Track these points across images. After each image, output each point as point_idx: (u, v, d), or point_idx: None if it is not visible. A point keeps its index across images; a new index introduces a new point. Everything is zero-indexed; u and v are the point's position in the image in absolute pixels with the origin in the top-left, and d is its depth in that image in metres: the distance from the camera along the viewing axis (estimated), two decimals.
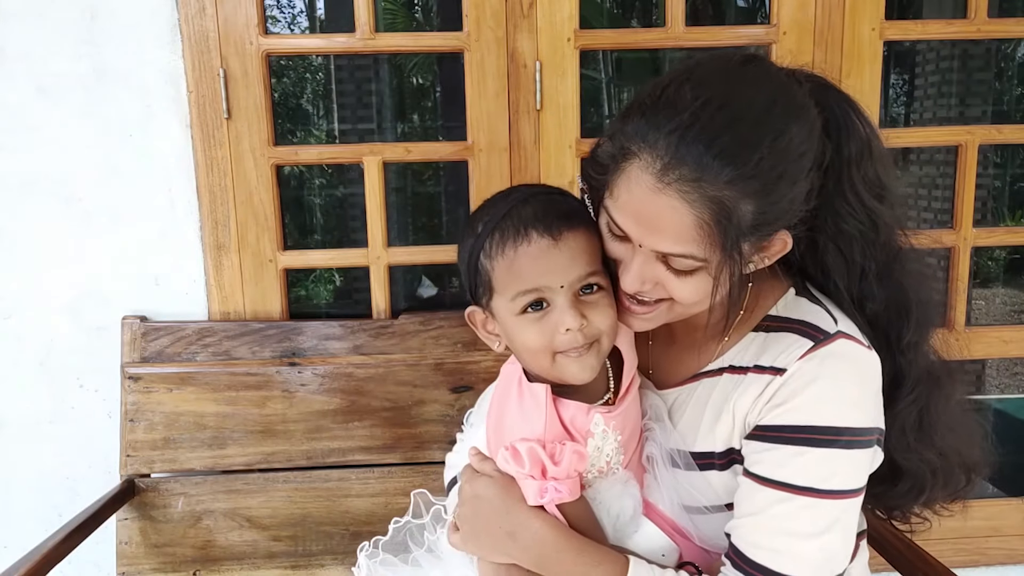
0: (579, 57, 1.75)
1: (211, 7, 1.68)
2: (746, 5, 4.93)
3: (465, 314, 1.00)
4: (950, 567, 1.23)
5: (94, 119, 1.70)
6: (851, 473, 0.88)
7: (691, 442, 0.97)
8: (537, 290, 0.89)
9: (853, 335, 0.91)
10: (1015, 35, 1.96)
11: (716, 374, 0.97)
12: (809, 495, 0.86)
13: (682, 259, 0.84)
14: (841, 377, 0.88)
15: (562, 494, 0.90)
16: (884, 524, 1.40)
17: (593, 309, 0.90)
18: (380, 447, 1.73)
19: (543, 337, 0.90)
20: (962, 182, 1.87)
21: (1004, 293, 6.61)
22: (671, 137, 0.79)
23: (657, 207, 0.81)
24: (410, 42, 1.85)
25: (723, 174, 0.78)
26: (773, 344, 0.92)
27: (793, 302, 0.95)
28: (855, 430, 0.87)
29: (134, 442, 1.70)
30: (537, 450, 0.90)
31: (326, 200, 3.94)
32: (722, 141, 0.78)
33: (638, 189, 0.82)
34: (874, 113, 1.80)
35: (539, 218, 0.89)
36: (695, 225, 0.80)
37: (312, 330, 1.74)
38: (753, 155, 0.78)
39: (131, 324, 1.72)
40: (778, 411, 0.89)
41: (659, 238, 0.83)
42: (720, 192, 0.78)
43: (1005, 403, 4.49)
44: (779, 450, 0.88)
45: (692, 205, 0.79)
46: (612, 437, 0.93)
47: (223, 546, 1.72)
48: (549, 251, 0.88)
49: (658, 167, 0.80)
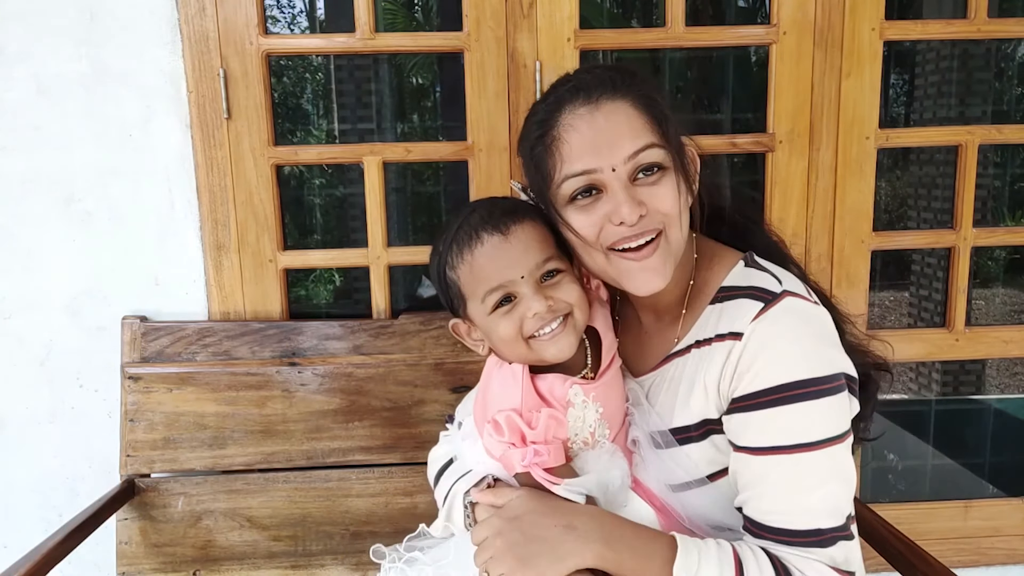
0: (579, 57, 1.75)
1: (211, 7, 1.68)
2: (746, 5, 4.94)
3: (449, 327, 1.08)
4: (950, 567, 1.23)
5: (94, 119, 1.71)
6: (829, 420, 0.92)
7: (669, 420, 1.02)
8: (501, 286, 0.97)
9: (798, 292, 0.96)
10: (1015, 35, 1.95)
11: (685, 352, 1.02)
12: (797, 451, 0.90)
13: (648, 152, 0.94)
14: (793, 332, 0.93)
15: (543, 456, 0.95)
16: (884, 524, 1.40)
17: (556, 289, 0.98)
18: (380, 447, 1.73)
19: (515, 325, 0.97)
20: (962, 182, 1.87)
21: (1004, 293, 6.61)
22: (575, 80, 0.98)
23: (602, 120, 0.94)
24: (410, 42, 1.85)
25: (623, 76, 0.96)
26: (728, 312, 0.97)
27: (742, 272, 1.01)
28: (818, 379, 0.91)
29: (134, 442, 1.70)
30: (514, 418, 0.96)
31: (326, 200, 3.94)
32: (608, 66, 1.00)
33: (580, 123, 0.95)
34: (874, 113, 1.80)
35: (486, 220, 0.98)
36: (637, 114, 0.94)
37: (312, 330, 1.74)
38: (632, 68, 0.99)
39: (131, 324, 1.72)
40: (745, 380, 0.93)
41: (621, 143, 0.93)
42: (631, 86, 0.95)
43: (1005, 403, 4.50)
44: (756, 417, 0.92)
45: (625, 100, 0.94)
46: (593, 408, 0.99)
47: (223, 546, 1.72)
48: (502, 246, 0.97)
49: (581, 98, 0.95)
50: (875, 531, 1.40)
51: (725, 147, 1.89)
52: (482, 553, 0.94)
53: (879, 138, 1.82)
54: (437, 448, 1.22)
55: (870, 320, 1.91)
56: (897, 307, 6.26)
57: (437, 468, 1.18)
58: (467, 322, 1.04)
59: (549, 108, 0.98)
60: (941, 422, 4.06)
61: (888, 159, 5.52)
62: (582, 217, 0.97)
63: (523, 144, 1.03)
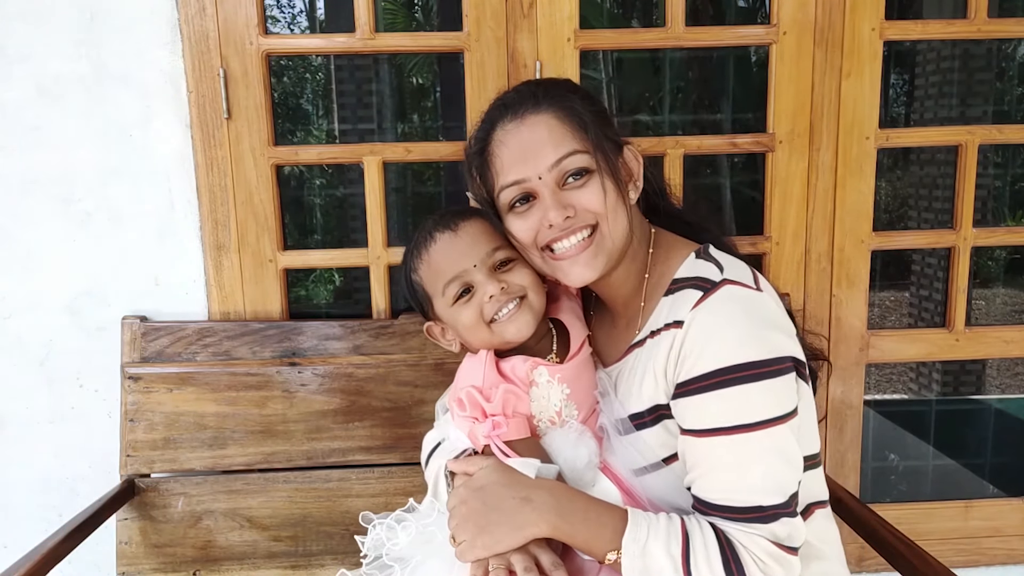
0: (579, 57, 1.75)
1: (211, 7, 1.68)
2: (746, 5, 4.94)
3: (424, 330, 1.17)
4: (950, 567, 1.23)
5: (94, 119, 1.71)
6: (770, 402, 0.95)
7: (628, 408, 1.07)
8: (457, 276, 1.06)
9: (738, 280, 1.01)
10: (1015, 35, 1.95)
11: (642, 343, 1.08)
12: (737, 432, 0.94)
13: (571, 159, 1.02)
14: (730, 318, 0.97)
15: (503, 428, 1.02)
16: (884, 524, 1.40)
17: (509, 274, 1.07)
18: (380, 447, 1.73)
19: (475, 311, 1.06)
20: (962, 182, 1.87)
21: (1004, 293, 6.61)
22: (504, 101, 1.08)
23: (527, 133, 1.03)
24: (410, 42, 1.85)
25: (547, 91, 1.06)
26: (676, 302, 1.03)
27: (692, 264, 1.06)
28: (756, 363, 0.94)
29: (134, 442, 1.70)
30: (474, 393, 1.04)
31: (326, 200, 3.94)
32: (535, 82, 1.11)
33: (508, 138, 1.05)
34: (874, 113, 1.80)
35: (438, 222, 1.10)
36: (558, 124, 1.03)
37: (312, 330, 1.74)
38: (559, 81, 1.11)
39: (131, 324, 1.72)
40: (687, 365, 0.98)
41: (545, 152, 1.02)
42: (554, 98, 1.05)
43: (1005, 403, 4.50)
44: (697, 400, 0.97)
45: (547, 112, 1.04)
46: (559, 388, 1.07)
47: (223, 546, 1.72)
48: (452, 241, 1.07)
49: (509, 115, 1.05)
50: (875, 531, 1.40)
51: (725, 147, 1.89)
52: (451, 519, 1.01)
53: (879, 138, 1.82)
54: (431, 433, 1.27)
55: (870, 320, 1.91)
56: (897, 307, 6.26)
57: (428, 449, 1.23)
58: (438, 323, 1.13)
59: (484, 127, 1.09)
60: (941, 422, 4.06)
61: (888, 159, 5.52)
62: (520, 222, 1.06)
63: (466, 161, 1.15)
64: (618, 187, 1.04)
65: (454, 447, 1.13)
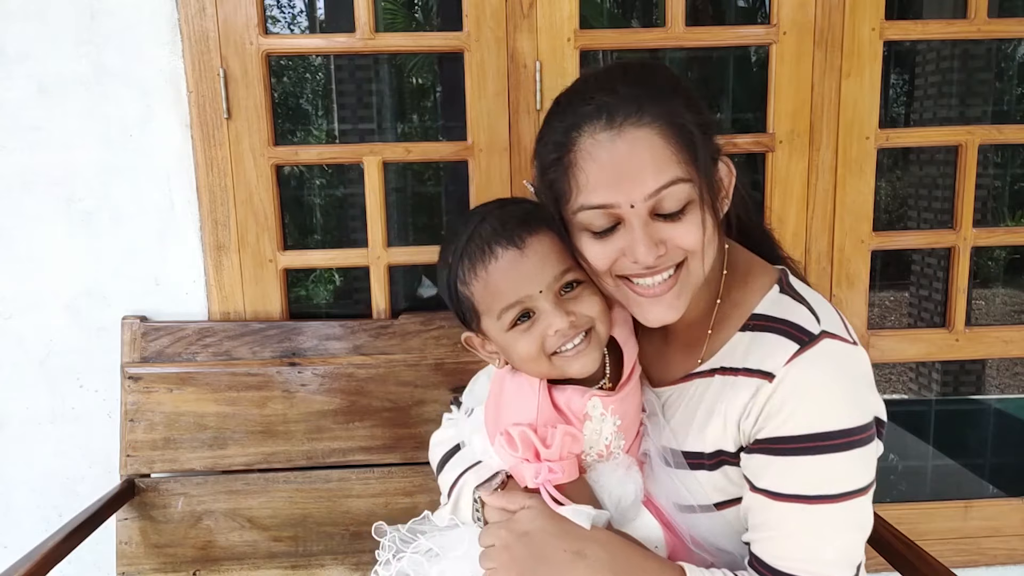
0: (579, 57, 1.75)
1: (211, 7, 1.68)
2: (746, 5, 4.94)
3: (462, 340, 1.04)
4: (950, 567, 1.23)
5: (94, 119, 1.70)
6: (856, 472, 0.89)
7: (682, 441, 0.98)
8: (519, 302, 0.92)
9: (837, 333, 0.91)
10: (1015, 35, 1.95)
11: (708, 375, 0.98)
12: (819, 502, 0.87)
13: (673, 188, 0.86)
14: (830, 380, 0.89)
15: (557, 474, 0.92)
16: (884, 524, 1.40)
17: (577, 302, 0.94)
18: (380, 447, 1.73)
19: (536, 343, 0.92)
20: (962, 182, 1.87)
21: (1004, 293, 6.62)
22: (597, 100, 0.87)
23: (625, 150, 0.85)
24: (410, 42, 1.85)
25: (649, 92, 0.87)
26: (759, 345, 0.93)
27: (777, 300, 0.96)
28: (851, 430, 0.87)
29: (134, 442, 1.70)
30: (528, 434, 0.92)
31: (326, 200, 3.94)
32: (630, 75, 0.90)
33: (599, 151, 0.86)
34: (874, 113, 1.80)
35: (499, 232, 0.92)
36: (663, 143, 0.85)
37: (312, 330, 1.74)
38: (660, 77, 0.90)
39: (131, 324, 1.72)
40: (773, 423, 0.89)
41: (643, 178, 0.85)
42: (660, 107, 0.86)
43: (1005, 403, 4.50)
44: (780, 463, 0.89)
45: (651, 127, 0.85)
46: (611, 421, 0.95)
47: (223, 546, 1.72)
48: (517, 261, 0.91)
49: (603, 122, 0.86)
50: (875, 531, 1.39)
51: (725, 147, 1.87)
52: (486, 560, 0.93)
53: (879, 138, 1.81)
54: (441, 431, 1.20)
55: (870, 320, 1.91)
56: (897, 307, 6.26)
57: (441, 452, 1.15)
58: (481, 335, 1.00)
59: (567, 127, 0.89)
60: (941, 422, 4.06)
61: (888, 159, 5.52)
62: (597, 247, 0.90)
63: (538, 157, 0.95)
64: (716, 217, 0.91)
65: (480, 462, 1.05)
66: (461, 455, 1.10)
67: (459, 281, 0.95)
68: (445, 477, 1.10)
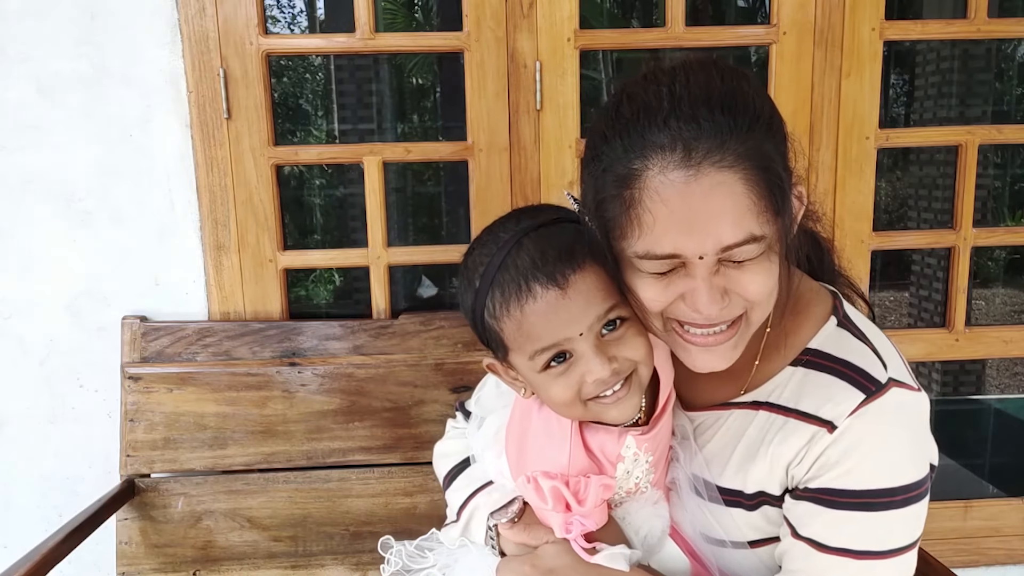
0: (579, 57, 1.75)
1: (211, 7, 1.68)
2: (746, 5, 4.94)
3: (484, 365, 0.93)
4: (950, 567, 1.23)
5: (94, 119, 1.70)
6: (909, 529, 0.84)
7: (717, 474, 0.91)
8: (556, 344, 0.81)
9: (903, 380, 0.85)
10: (1015, 35, 1.96)
11: (751, 407, 0.90)
12: (868, 558, 0.82)
13: (749, 246, 0.74)
14: (896, 434, 0.83)
15: (587, 527, 0.86)
16: None
17: (620, 344, 0.83)
18: (380, 447, 1.73)
19: (572, 388, 0.83)
20: (962, 182, 1.87)
21: (1004, 293, 6.62)
22: (669, 123, 0.72)
23: (701, 196, 0.72)
24: (410, 42, 1.85)
25: (736, 123, 0.73)
26: (816, 386, 0.85)
27: (835, 336, 0.88)
28: (911, 486, 0.82)
29: (134, 442, 1.70)
30: (560, 489, 0.85)
31: (326, 200, 3.94)
32: (714, 96, 0.74)
33: (671, 193, 0.72)
34: (874, 113, 1.80)
35: (539, 267, 0.80)
36: (745, 191, 0.72)
37: (312, 330, 1.74)
38: (743, 97, 0.75)
39: (131, 324, 1.72)
40: (831, 474, 0.83)
41: (720, 231, 0.73)
42: (745, 143, 0.72)
43: (1005, 403, 4.50)
44: (832, 515, 0.83)
45: (733, 170, 0.72)
46: (643, 459, 0.88)
47: (223, 546, 1.72)
48: (558, 303, 0.79)
49: (679, 157, 0.72)
50: None
51: None
52: None
53: (879, 138, 1.82)
54: (446, 442, 1.15)
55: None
56: (897, 307, 6.26)
57: (449, 466, 1.10)
58: (506, 365, 0.89)
59: (632, 155, 0.74)
60: (941, 422, 4.06)
61: (888, 159, 5.52)
62: (653, 289, 0.79)
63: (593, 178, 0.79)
64: (786, 260, 0.81)
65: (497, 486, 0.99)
66: (470, 473, 1.05)
67: (487, 312, 0.84)
68: (454, 496, 1.04)
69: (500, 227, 0.87)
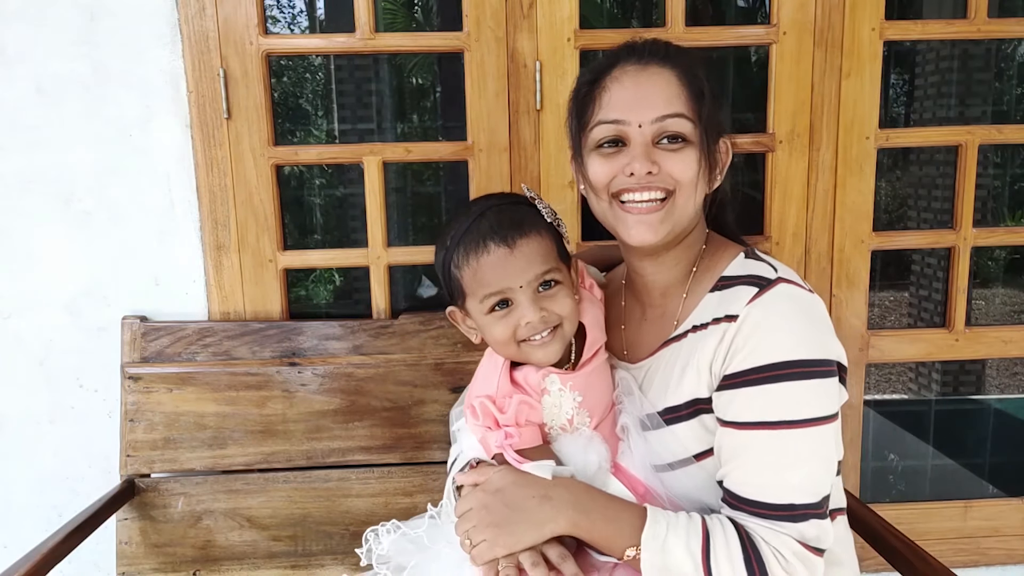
0: (579, 57, 1.75)
1: (211, 7, 1.68)
2: (746, 5, 4.93)
3: (446, 313, 1.15)
4: (950, 567, 1.23)
5: (94, 119, 1.71)
6: (816, 402, 0.95)
7: (661, 403, 1.06)
8: (500, 292, 1.04)
9: (793, 280, 1.01)
10: (1015, 35, 1.95)
11: (681, 337, 1.07)
12: (781, 427, 0.94)
13: (676, 120, 1.01)
14: (786, 315, 0.98)
15: (514, 439, 1.02)
16: (884, 524, 1.40)
17: (551, 300, 1.05)
18: (380, 447, 1.73)
19: (508, 329, 1.04)
20: (962, 182, 1.87)
21: (1004, 293, 6.61)
22: (633, 45, 1.06)
23: (646, 79, 1.02)
24: (410, 42, 1.85)
25: (682, 53, 1.06)
26: (726, 299, 1.02)
27: (742, 263, 1.06)
28: (808, 361, 0.95)
29: (134, 442, 1.70)
30: (487, 404, 1.05)
31: (326, 200, 3.93)
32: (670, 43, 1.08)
33: (625, 77, 1.03)
34: (874, 113, 1.80)
35: (495, 230, 1.03)
36: (678, 83, 1.02)
37: (312, 330, 1.74)
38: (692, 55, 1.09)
39: (131, 324, 1.72)
40: (737, 358, 0.97)
41: (655, 103, 1.01)
42: (684, 60, 1.05)
43: (1005, 403, 4.50)
44: (744, 392, 0.96)
45: (672, 69, 1.03)
46: (570, 396, 1.06)
47: (223, 546, 1.72)
48: (506, 258, 1.02)
49: (634, 58, 1.04)
50: (875, 531, 1.40)
51: None
52: (464, 523, 1.00)
53: (879, 138, 1.82)
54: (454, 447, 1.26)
55: (870, 320, 1.91)
56: (897, 307, 6.26)
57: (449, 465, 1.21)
58: (463, 312, 1.11)
59: (605, 61, 1.07)
60: (941, 422, 4.06)
61: (888, 159, 5.52)
62: (600, 164, 1.05)
63: (574, 92, 1.10)
64: (706, 167, 1.04)
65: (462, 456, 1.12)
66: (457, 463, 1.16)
67: (452, 264, 1.07)
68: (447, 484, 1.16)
69: (472, 204, 1.11)
